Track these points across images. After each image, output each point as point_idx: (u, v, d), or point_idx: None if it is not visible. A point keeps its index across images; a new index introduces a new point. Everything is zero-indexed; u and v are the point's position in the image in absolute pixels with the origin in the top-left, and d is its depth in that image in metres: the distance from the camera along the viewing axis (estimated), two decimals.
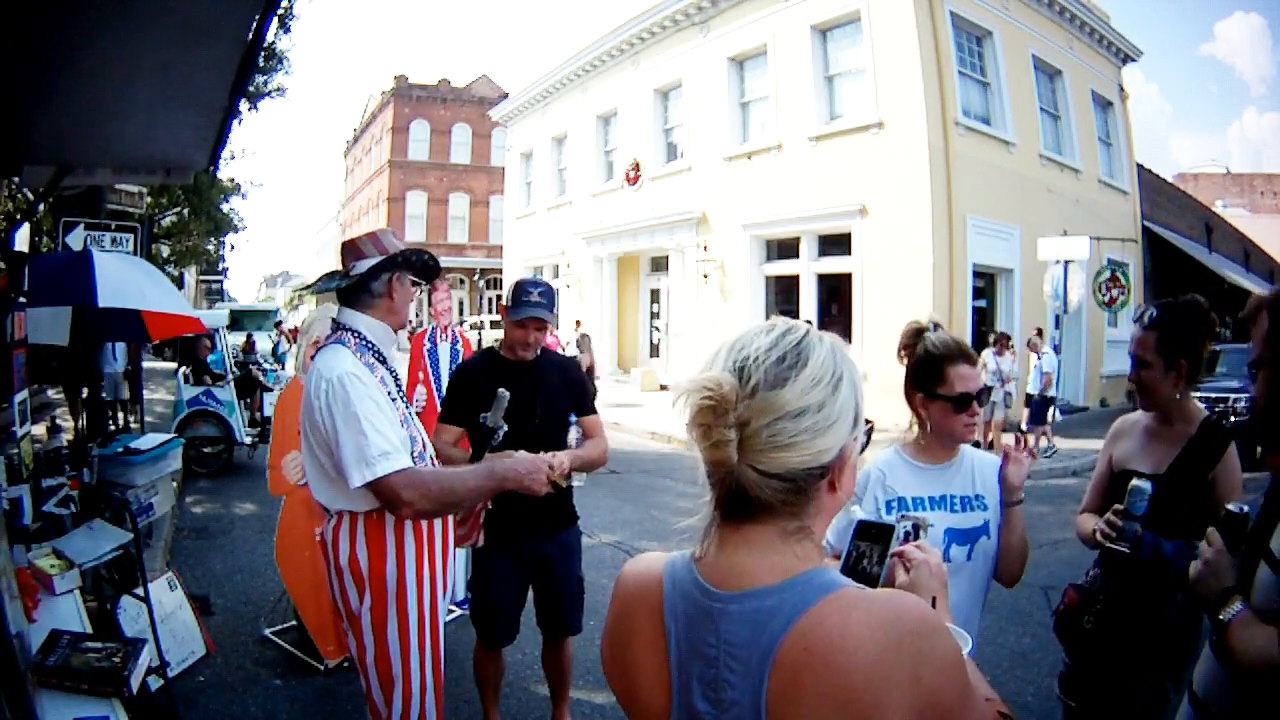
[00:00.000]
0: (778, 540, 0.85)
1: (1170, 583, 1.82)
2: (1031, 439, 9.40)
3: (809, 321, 0.95)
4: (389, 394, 1.99)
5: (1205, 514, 1.95)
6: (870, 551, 1.02)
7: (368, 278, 2.07)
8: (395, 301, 2.11)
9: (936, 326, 1.88)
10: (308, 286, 2.46)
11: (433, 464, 2.12)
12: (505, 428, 2.32)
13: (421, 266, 2.18)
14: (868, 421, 0.91)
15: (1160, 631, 1.92)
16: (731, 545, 0.87)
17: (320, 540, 2.06)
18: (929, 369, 1.82)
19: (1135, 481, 1.88)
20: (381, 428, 1.86)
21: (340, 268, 2.13)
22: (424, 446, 2.09)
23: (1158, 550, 1.87)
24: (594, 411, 2.92)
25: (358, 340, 2.03)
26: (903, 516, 1.11)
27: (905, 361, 1.90)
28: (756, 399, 0.82)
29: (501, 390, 2.31)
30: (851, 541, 1.05)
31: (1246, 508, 1.38)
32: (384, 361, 2.07)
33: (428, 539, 2.05)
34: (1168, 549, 1.88)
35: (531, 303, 2.62)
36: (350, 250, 2.10)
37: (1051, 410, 9.89)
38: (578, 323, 15.74)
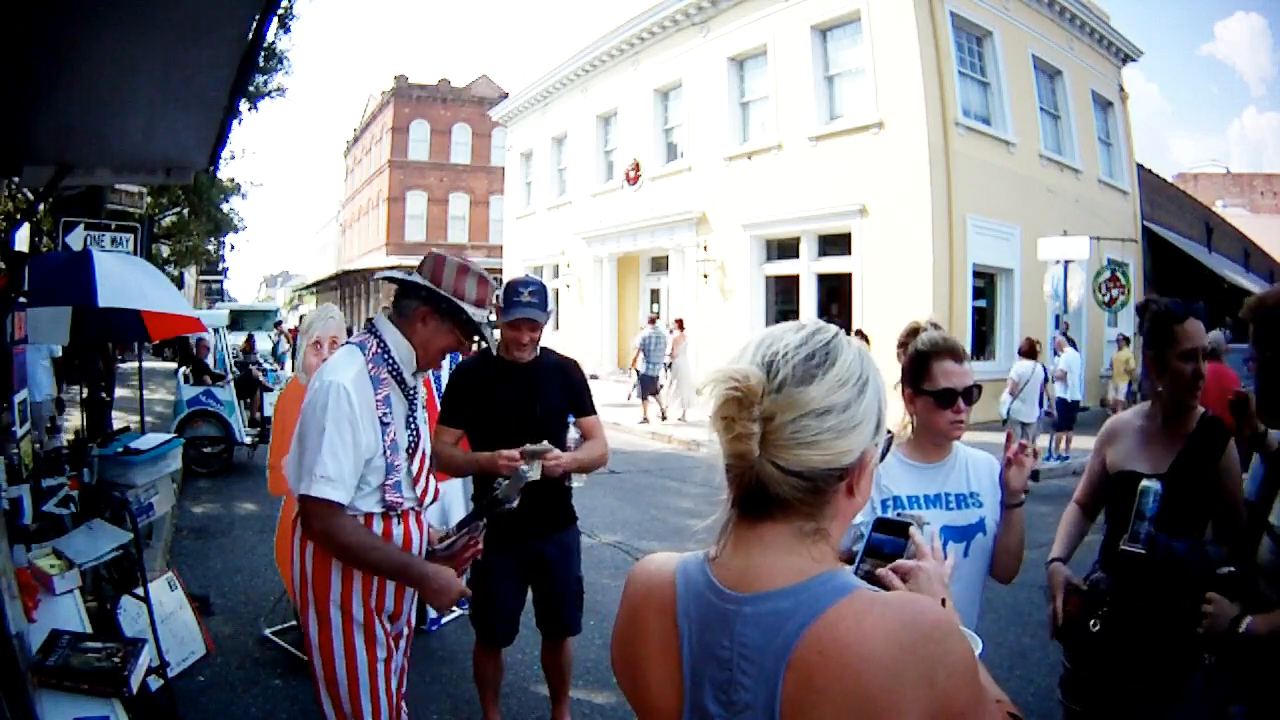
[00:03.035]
0: (794, 541, 0.85)
1: (1185, 582, 1.83)
2: (1047, 441, 9.14)
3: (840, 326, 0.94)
4: (382, 417, 1.89)
5: (1210, 510, 1.96)
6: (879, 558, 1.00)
7: (408, 293, 1.99)
8: (423, 335, 1.97)
9: (935, 327, 1.90)
10: (390, 272, 2.26)
11: (419, 480, 2.04)
12: (516, 503, 2.30)
13: (456, 322, 1.98)
14: (888, 432, 0.90)
15: (1173, 633, 1.91)
16: (747, 545, 0.86)
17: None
18: (916, 365, 1.86)
19: (1145, 482, 1.89)
20: (338, 453, 1.81)
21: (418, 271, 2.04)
22: (416, 482, 2.01)
23: (1171, 551, 1.87)
24: (593, 412, 2.92)
25: (379, 349, 1.95)
26: (899, 515, 1.10)
27: (901, 360, 1.92)
28: (783, 394, 0.82)
29: (524, 468, 2.30)
30: (866, 543, 1.02)
31: (1235, 570, 1.54)
32: (400, 380, 1.96)
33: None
34: (1180, 549, 1.88)
35: (523, 303, 2.61)
36: (426, 261, 2.02)
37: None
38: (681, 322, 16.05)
